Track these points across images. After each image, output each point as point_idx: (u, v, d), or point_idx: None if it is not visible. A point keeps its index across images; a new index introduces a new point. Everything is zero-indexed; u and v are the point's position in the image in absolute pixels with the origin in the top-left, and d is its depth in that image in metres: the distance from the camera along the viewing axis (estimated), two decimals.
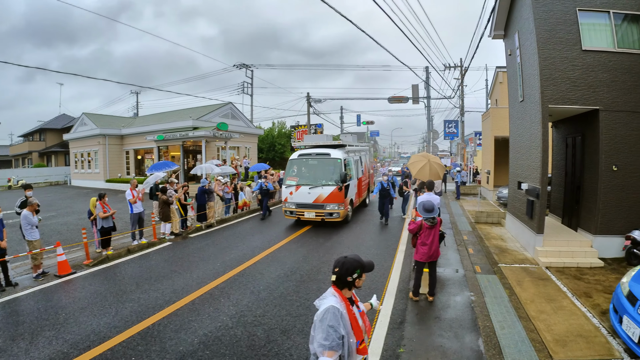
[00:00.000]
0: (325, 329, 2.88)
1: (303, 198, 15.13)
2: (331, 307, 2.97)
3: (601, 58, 10.00)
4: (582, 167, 11.11)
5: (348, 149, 16.98)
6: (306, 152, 16.43)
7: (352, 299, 3.29)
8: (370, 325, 3.49)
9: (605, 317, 6.66)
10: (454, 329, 6.40)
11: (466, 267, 9.59)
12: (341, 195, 14.78)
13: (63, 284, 9.26)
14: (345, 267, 3.14)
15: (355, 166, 18.13)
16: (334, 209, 14.71)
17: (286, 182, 15.80)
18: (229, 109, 36.50)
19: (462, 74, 30.30)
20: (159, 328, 6.74)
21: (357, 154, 19.13)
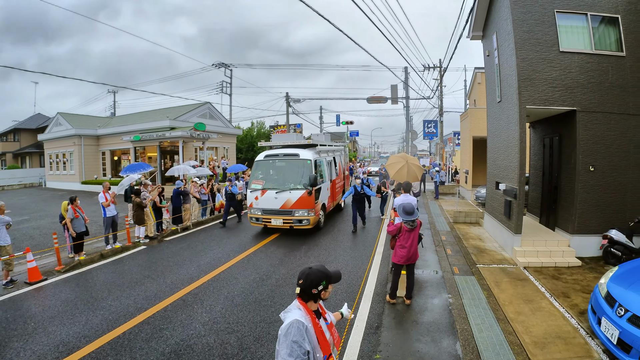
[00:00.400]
0: (290, 344, 2.75)
1: (269, 203, 13.86)
2: (295, 322, 2.85)
3: (578, 60, 10.05)
4: (560, 167, 11.15)
5: (320, 149, 15.73)
6: (273, 152, 14.98)
7: (319, 311, 3.15)
8: (339, 337, 3.34)
9: (584, 317, 6.64)
10: (432, 333, 6.29)
11: (444, 269, 9.53)
12: (311, 200, 13.49)
13: (33, 292, 8.92)
14: (309, 278, 3.02)
15: (328, 168, 16.86)
16: (304, 216, 13.47)
17: (251, 186, 14.42)
18: (207, 109, 36.09)
19: (441, 74, 30.45)
20: (129, 337, 6.51)
21: (330, 154, 17.87)
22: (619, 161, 10.02)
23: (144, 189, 14.04)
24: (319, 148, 15.59)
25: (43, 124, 50.93)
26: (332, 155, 18.08)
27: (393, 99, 33.65)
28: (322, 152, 16.01)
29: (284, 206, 13.57)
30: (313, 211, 13.56)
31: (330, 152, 17.90)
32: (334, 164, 18.17)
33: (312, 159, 14.00)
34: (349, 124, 55.84)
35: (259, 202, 14.03)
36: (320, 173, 14.90)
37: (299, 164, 14.14)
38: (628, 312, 5.21)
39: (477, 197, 20.37)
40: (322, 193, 15.03)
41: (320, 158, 15.39)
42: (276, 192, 13.75)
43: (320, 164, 15.14)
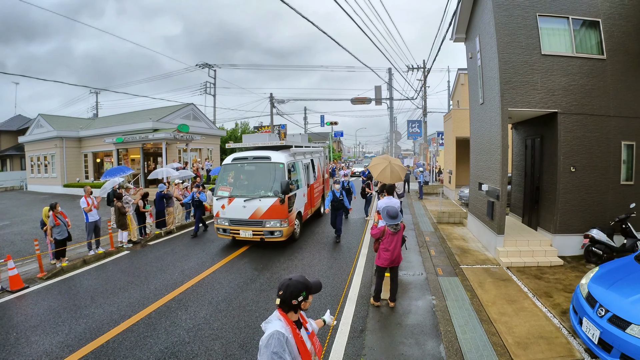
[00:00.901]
0: (270, 355, 2.79)
1: (237, 213, 12.32)
2: (276, 332, 2.87)
3: (560, 62, 10.19)
4: (542, 168, 11.30)
5: (295, 150, 14.17)
6: (242, 155, 13.37)
7: (300, 321, 3.16)
8: (321, 346, 3.36)
9: (566, 316, 6.73)
10: (416, 336, 6.32)
11: (428, 270, 9.58)
12: (284, 208, 12.02)
13: (15, 300, 8.74)
14: (289, 290, 3.04)
15: (305, 171, 15.39)
16: (276, 226, 12.00)
17: (217, 192, 12.91)
18: (190, 110, 35.86)
19: (425, 75, 30.62)
20: (113, 345, 6.41)
21: (307, 156, 16.35)
22: (600, 162, 10.20)
23: (126, 193, 13.89)
24: (294, 150, 14.16)
25: (24, 126, 50.08)
26: (309, 157, 16.68)
27: (377, 99, 33.76)
28: (297, 154, 14.60)
29: (254, 216, 12.11)
30: (286, 221, 12.12)
31: (307, 154, 16.45)
32: (311, 167, 16.80)
33: (284, 162, 12.60)
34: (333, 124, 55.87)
35: (225, 211, 12.55)
36: (295, 178, 13.76)
37: (270, 168, 12.72)
38: (608, 312, 5.29)
39: (461, 197, 20.54)
40: (298, 200, 13.71)
41: (296, 160, 14.14)
42: (245, 200, 12.29)
43: (295, 168, 13.95)
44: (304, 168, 15.24)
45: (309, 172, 16.01)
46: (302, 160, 15.14)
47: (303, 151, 15.63)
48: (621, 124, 10.17)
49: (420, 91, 31.27)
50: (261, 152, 13.28)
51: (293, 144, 14.59)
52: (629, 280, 5.92)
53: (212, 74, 43.77)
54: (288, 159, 13.05)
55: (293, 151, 13.98)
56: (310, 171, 16.26)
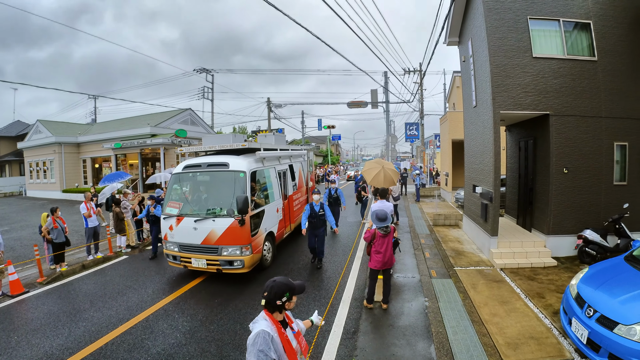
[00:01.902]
0: (256, 353, 2.93)
1: (187, 236, 9.77)
2: (262, 332, 3.02)
3: (551, 65, 10.28)
4: (535, 169, 11.38)
5: (263, 154, 11.15)
6: (196, 161, 10.59)
7: (285, 321, 3.30)
8: (307, 345, 3.48)
9: (557, 317, 6.80)
10: (407, 337, 6.40)
11: (422, 272, 9.65)
12: (244, 231, 9.35)
13: (15, 305, 8.85)
14: (273, 291, 3.18)
15: (280, 180, 12.70)
16: (235, 255, 9.36)
17: (165, 209, 10.32)
18: (188, 115, 35.99)
19: (421, 78, 30.73)
20: (112, 348, 6.52)
21: (284, 161, 13.64)
22: (592, 163, 10.28)
23: (124, 198, 13.98)
24: (262, 154, 11.11)
25: (22, 132, 50.20)
26: (286, 162, 13.91)
27: (373, 103, 33.86)
28: (268, 159, 11.83)
29: (207, 241, 9.52)
30: (249, 248, 9.47)
31: (284, 159, 13.71)
32: (290, 175, 14.06)
33: (246, 170, 9.90)
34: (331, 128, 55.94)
35: (174, 233, 10.03)
36: (264, 189, 11.15)
37: (227, 177, 10.04)
38: (597, 312, 5.37)
39: (457, 199, 20.60)
40: (269, 217, 10.99)
41: (265, 167, 11.46)
42: (195, 220, 9.70)
43: (263, 177, 11.24)
44: (279, 176, 12.60)
45: (286, 181, 13.49)
46: (276, 167, 12.49)
47: (277, 155, 12.76)
48: (613, 125, 10.25)
49: (416, 94, 31.38)
50: (218, 158, 10.60)
51: (261, 146, 11.41)
52: (617, 280, 5.99)
53: (209, 78, 43.87)
54: (252, 166, 10.38)
55: (261, 155, 11.04)
56: (288, 180, 13.73)
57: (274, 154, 12.40)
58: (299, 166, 15.67)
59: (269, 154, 11.74)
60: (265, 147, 11.98)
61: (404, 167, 32.84)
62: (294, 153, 15.12)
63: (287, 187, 13.54)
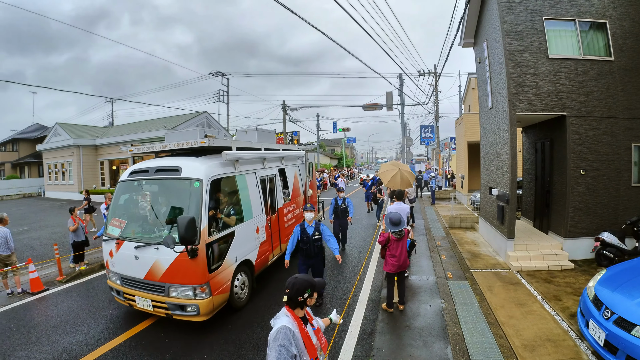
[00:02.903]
0: (277, 348, 2.98)
1: (129, 267, 7.31)
2: (283, 327, 3.08)
3: (567, 65, 10.20)
4: (552, 171, 11.29)
5: (234, 156, 8.25)
6: (144, 166, 8.03)
7: (306, 317, 3.35)
8: (327, 341, 3.53)
9: (574, 320, 6.75)
10: (424, 338, 6.41)
11: (438, 274, 9.63)
12: (198, 266, 6.74)
13: (36, 302, 9.03)
14: (295, 287, 3.25)
15: (265, 190, 9.87)
16: (186, 298, 6.82)
17: (107, 229, 7.96)
18: (204, 118, 36.24)
19: (436, 80, 30.63)
20: (130, 344, 6.65)
21: (270, 164, 10.56)
22: (610, 164, 10.15)
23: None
24: (232, 155, 8.15)
25: (41, 134, 51.04)
26: (275, 166, 10.94)
27: (388, 105, 33.76)
28: (244, 161, 8.99)
29: (151, 275, 7.00)
30: (206, 289, 6.81)
31: (271, 161, 10.74)
32: (280, 182, 11.09)
33: (203, 178, 7.18)
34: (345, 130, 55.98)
35: (114, 261, 7.62)
36: (234, 203, 8.28)
37: (178, 188, 7.47)
38: (614, 314, 5.34)
39: (473, 201, 20.47)
40: (242, 241, 8.20)
41: (239, 173, 8.61)
42: (136, 246, 7.15)
43: (235, 185, 8.46)
44: (262, 184, 9.76)
45: (274, 190, 10.60)
46: (258, 172, 9.64)
47: (259, 156, 9.88)
48: (631, 126, 10.12)
49: (431, 96, 31.29)
50: (170, 161, 7.95)
51: (233, 145, 8.68)
52: (635, 282, 5.94)
53: (225, 82, 44.12)
54: (215, 171, 7.63)
55: (229, 157, 7.98)
56: (277, 188, 10.77)
57: (254, 156, 9.46)
58: (295, 171, 12.67)
59: (244, 155, 8.80)
60: (241, 146, 9.42)
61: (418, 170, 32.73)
62: (287, 154, 12.18)
63: (275, 197, 10.61)
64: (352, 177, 55.18)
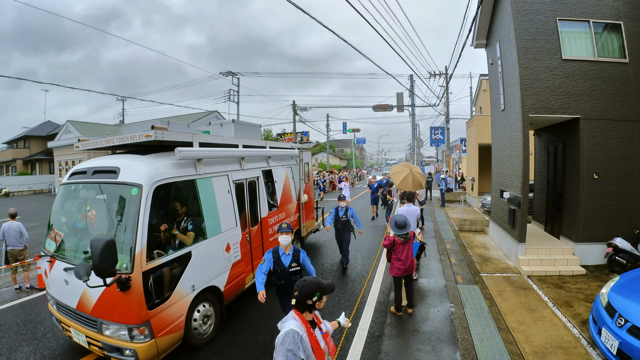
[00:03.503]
0: (285, 352, 2.92)
1: (61, 291, 6.00)
2: (291, 331, 3.02)
3: (581, 67, 10.06)
4: (564, 174, 11.13)
5: (191, 154, 6.48)
6: (83, 166, 6.52)
7: (314, 321, 3.29)
8: (335, 346, 3.47)
9: (586, 327, 6.63)
10: (432, 342, 6.32)
11: (448, 278, 9.52)
12: (133, 300, 5.12)
13: (43, 297, 9.02)
14: (304, 290, 3.18)
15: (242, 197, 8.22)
16: (121, 338, 5.30)
17: (46, 241, 6.66)
18: (214, 117, 36.37)
19: (447, 81, 30.45)
20: None
21: (250, 165, 8.69)
22: (624, 168, 9.99)
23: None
24: (189, 153, 6.40)
25: (53, 131, 51.48)
26: (258, 167, 9.10)
27: (399, 106, 33.63)
28: (209, 162, 7.12)
29: (82, 306, 5.57)
30: (145, 330, 5.27)
31: (252, 161, 8.84)
32: (264, 187, 9.24)
33: (144, 183, 5.57)
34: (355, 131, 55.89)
35: (49, 282, 6.42)
36: (194, 214, 6.57)
37: (114, 195, 5.89)
38: (628, 322, 5.22)
39: (483, 204, 20.30)
40: (204, 264, 6.52)
41: (202, 176, 6.84)
42: (65, 267, 5.74)
43: (195, 192, 6.67)
44: (236, 189, 7.86)
45: (255, 197, 8.79)
46: (231, 175, 7.78)
47: (233, 155, 7.99)
48: None
49: (442, 97, 31.11)
50: (109, 160, 6.34)
51: (194, 139, 6.80)
52: None
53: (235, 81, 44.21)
54: (161, 174, 5.88)
55: (184, 155, 6.15)
56: (260, 194, 9.00)
57: (224, 154, 7.61)
58: (286, 172, 10.90)
59: (209, 154, 6.92)
60: (209, 141, 7.29)
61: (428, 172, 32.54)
62: (275, 153, 10.24)
63: (257, 205, 8.86)
64: (361, 178, 54.90)
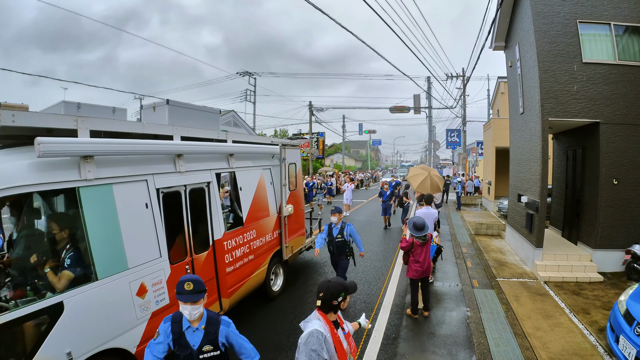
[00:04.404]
0: (308, 352, 2.92)
1: None
2: (315, 331, 3.00)
3: (602, 70, 9.93)
4: (583, 179, 11.00)
5: (77, 148, 4.15)
6: None
7: (337, 322, 3.31)
8: (356, 346, 3.49)
9: (603, 334, 6.55)
10: (448, 346, 6.30)
11: (464, 281, 9.48)
12: None
13: None
14: (329, 291, 3.17)
15: (154, 214, 5.30)
16: None
17: None
18: (231, 117, 36.48)
19: (464, 83, 30.24)
20: None
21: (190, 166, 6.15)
22: None
23: None
24: (60, 146, 3.95)
25: None
26: (207, 169, 6.65)
27: (415, 108, 33.50)
28: (104, 160, 4.60)
29: None
30: None
31: (194, 160, 6.34)
32: (217, 196, 6.84)
33: None
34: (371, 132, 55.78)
35: None
36: (73, 245, 4.35)
37: None
38: None
39: (500, 208, 20.13)
40: (90, 319, 4.17)
41: (90, 184, 4.36)
42: None
43: (79, 208, 4.22)
44: (164, 201, 5.60)
45: (203, 212, 6.54)
46: (154, 180, 5.43)
47: (156, 151, 5.52)
48: None
49: (459, 100, 30.92)
50: None
51: (80, 128, 4.48)
52: None
53: (252, 81, 44.39)
54: (11, 179, 3.69)
55: (53, 150, 3.87)
56: (211, 207, 6.66)
57: (139, 149, 5.13)
58: (259, 176, 8.26)
59: (105, 148, 4.58)
60: (112, 129, 5.09)
61: (446, 174, 32.32)
62: (241, 150, 7.68)
63: (207, 223, 6.54)
64: (376, 180, 54.49)
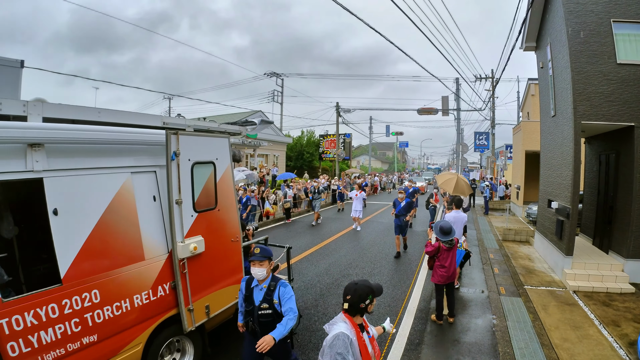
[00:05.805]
0: (334, 355, 2.87)
1: None
2: (341, 334, 2.95)
3: (637, 72, 9.56)
4: (616, 186, 10.59)
5: None
6: None
7: (362, 325, 3.25)
8: (380, 350, 3.41)
9: (633, 349, 6.27)
10: (473, 354, 6.14)
11: (490, 288, 9.24)
12: None
13: None
14: (357, 294, 3.12)
15: None
16: None
17: None
18: (259, 117, 36.61)
19: (494, 85, 29.74)
20: None
21: None
22: None
23: None
24: None
25: None
26: None
27: (444, 110, 33.14)
28: None
29: None
30: None
31: None
32: None
33: None
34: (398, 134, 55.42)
35: None
36: None
37: None
38: None
39: (529, 214, 19.70)
40: None
41: None
42: None
43: None
44: None
45: None
46: None
47: None
48: None
49: (488, 102, 30.42)
50: None
51: None
52: None
53: (279, 82, 44.60)
54: None
55: None
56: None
57: None
58: (119, 188, 4.42)
59: None
60: None
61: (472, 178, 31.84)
62: (62, 136, 3.86)
63: None
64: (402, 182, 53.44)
